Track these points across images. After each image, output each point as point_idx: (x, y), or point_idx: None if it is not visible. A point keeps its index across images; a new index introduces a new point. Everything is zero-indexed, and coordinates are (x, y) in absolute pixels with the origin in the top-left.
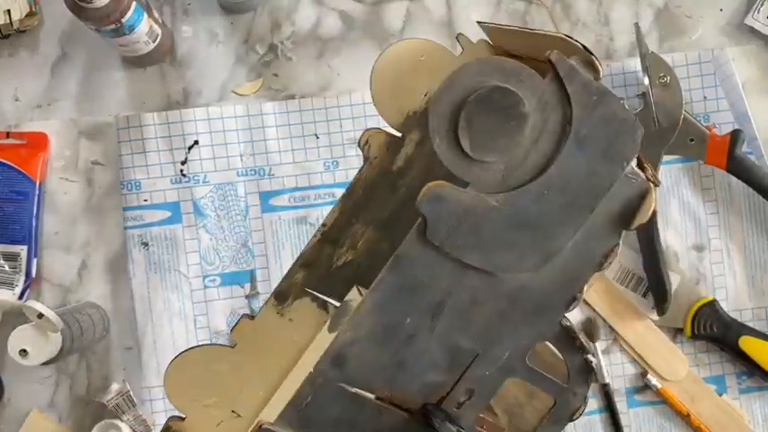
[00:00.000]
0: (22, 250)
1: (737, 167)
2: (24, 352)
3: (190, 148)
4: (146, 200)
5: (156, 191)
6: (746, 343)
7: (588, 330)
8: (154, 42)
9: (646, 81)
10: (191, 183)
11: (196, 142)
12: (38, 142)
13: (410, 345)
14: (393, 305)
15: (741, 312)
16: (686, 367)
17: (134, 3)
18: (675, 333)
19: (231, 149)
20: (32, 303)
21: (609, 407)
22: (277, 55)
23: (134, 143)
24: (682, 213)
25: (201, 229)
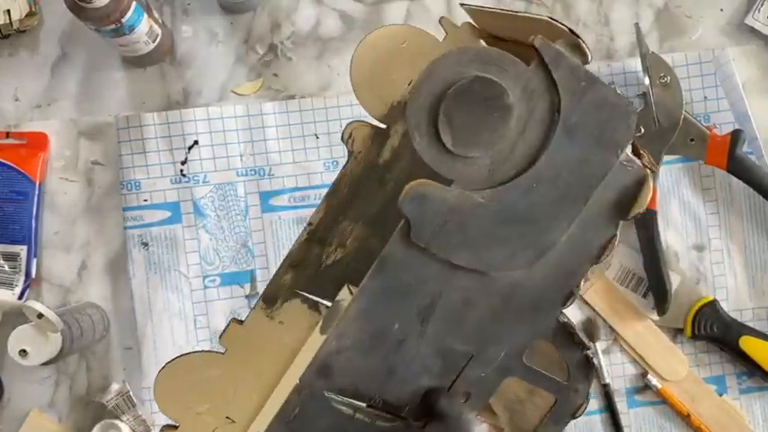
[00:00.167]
0: (22, 250)
1: (738, 167)
2: (24, 352)
3: (190, 148)
4: (146, 200)
5: (156, 191)
6: (747, 343)
7: (588, 330)
8: (154, 42)
9: (646, 81)
10: (191, 183)
11: (196, 142)
12: (38, 142)
13: (400, 350)
14: (379, 310)
15: (741, 312)
16: (686, 367)
17: (134, 3)
18: (676, 333)
19: (231, 149)
20: (32, 303)
21: (609, 407)
22: (277, 55)
23: (134, 143)
24: (682, 213)
25: (201, 230)
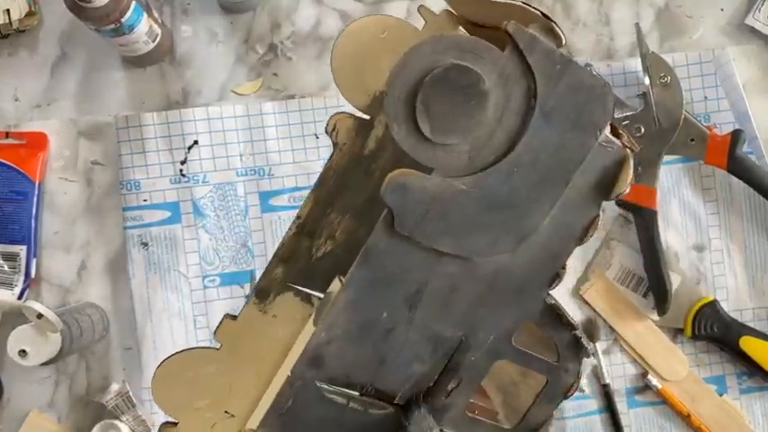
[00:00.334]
0: (22, 250)
1: (738, 167)
2: (24, 352)
3: (189, 148)
4: (145, 200)
5: (156, 191)
6: (747, 343)
7: (588, 330)
8: (153, 42)
9: (646, 81)
10: (190, 183)
11: (196, 142)
12: (37, 142)
13: (389, 338)
14: (367, 300)
15: (742, 312)
16: (686, 367)
17: (134, 2)
18: (676, 333)
19: (231, 149)
20: (32, 303)
21: (609, 407)
22: (277, 55)
23: (133, 143)
24: (682, 213)
25: (201, 230)
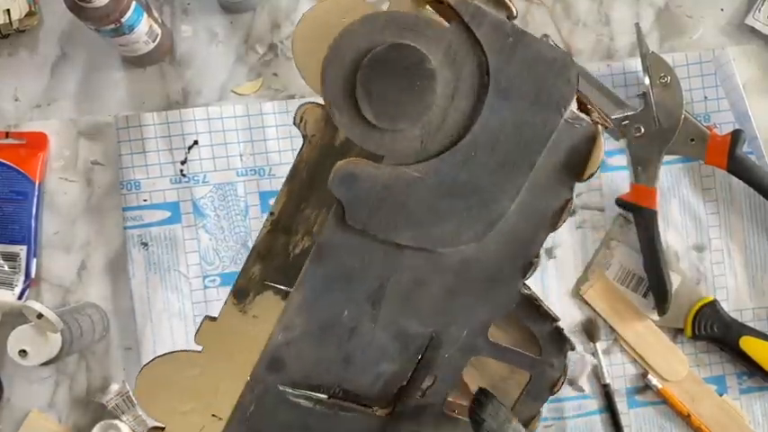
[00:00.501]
0: (22, 250)
1: (738, 167)
2: (24, 352)
3: (189, 148)
4: (145, 200)
5: (156, 191)
6: (747, 343)
7: (588, 330)
8: (153, 42)
9: (646, 81)
10: (190, 183)
11: (196, 142)
12: (37, 142)
13: (353, 337)
14: (325, 299)
15: (742, 312)
16: (687, 367)
17: (134, 2)
18: (676, 333)
19: (231, 149)
20: (32, 303)
21: (609, 407)
22: (277, 55)
23: (134, 143)
24: (682, 213)
25: (201, 230)
